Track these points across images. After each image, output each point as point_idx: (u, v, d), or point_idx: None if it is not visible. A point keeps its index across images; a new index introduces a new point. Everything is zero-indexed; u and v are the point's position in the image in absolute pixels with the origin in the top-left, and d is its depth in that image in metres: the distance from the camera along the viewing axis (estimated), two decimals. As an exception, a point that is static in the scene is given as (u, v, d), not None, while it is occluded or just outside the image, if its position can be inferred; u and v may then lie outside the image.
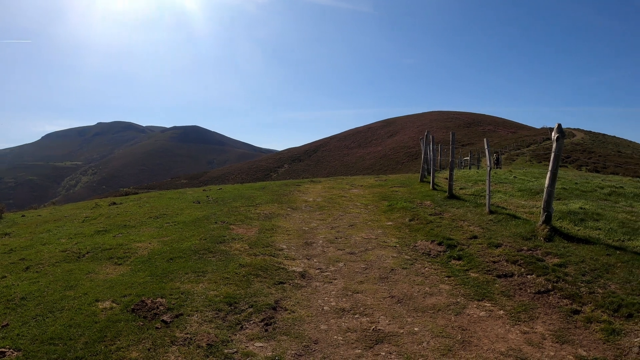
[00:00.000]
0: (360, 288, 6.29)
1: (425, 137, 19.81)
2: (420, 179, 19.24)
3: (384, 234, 9.34)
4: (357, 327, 5.08)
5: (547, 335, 5.08)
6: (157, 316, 5.02)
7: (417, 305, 5.80)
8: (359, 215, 11.41)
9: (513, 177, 19.99)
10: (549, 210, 8.85)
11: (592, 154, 59.79)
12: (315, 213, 11.53)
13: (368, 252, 8.05)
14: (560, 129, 8.80)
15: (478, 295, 6.17)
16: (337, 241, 8.73)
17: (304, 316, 5.32)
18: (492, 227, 9.33)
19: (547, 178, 8.87)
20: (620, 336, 4.97)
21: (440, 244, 8.39)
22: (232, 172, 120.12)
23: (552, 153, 8.83)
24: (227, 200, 12.70)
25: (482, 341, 4.88)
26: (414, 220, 10.39)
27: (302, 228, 9.71)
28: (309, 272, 6.87)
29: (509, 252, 7.68)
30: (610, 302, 5.68)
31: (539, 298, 6.08)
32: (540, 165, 45.29)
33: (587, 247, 7.77)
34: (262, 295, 5.75)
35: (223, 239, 8.21)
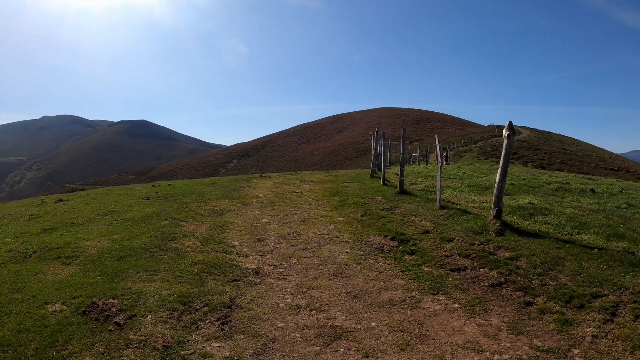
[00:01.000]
0: (315, 284, 6.30)
1: (376, 133, 19.98)
2: (371, 175, 19.42)
3: (336, 230, 9.39)
4: (314, 324, 5.08)
5: (502, 327, 5.21)
6: (110, 318, 4.88)
7: (373, 300, 5.85)
8: (311, 210, 11.43)
9: (462, 173, 20.43)
10: (500, 205, 9.07)
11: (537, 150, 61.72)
12: (267, 209, 11.49)
13: (321, 247, 8.07)
14: (511, 126, 9.03)
15: (432, 289, 6.27)
16: (289, 237, 8.72)
17: (260, 314, 5.28)
18: (443, 222, 9.50)
19: (497, 174, 9.09)
20: (573, 326, 5.16)
21: (393, 239, 8.48)
22: (180, 168, 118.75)
23: (503, 150, 9.06)
24: (176, 197, 12.51)
25: (439, 334, 4.97)
26: (365, 215, 10.48)
27: (253, 224, 9.66)
28: (262, 268, 6.83)
29: (461, 246, 7.84)
30: (562, 293, 5.88)
31: (492, 291, 6.23)
32: (488, 162, 46.43)
33: (538, 240, 8.02)
34: (217, 294, 5.68)
35: (174, 236, 8.07)
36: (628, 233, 8.74)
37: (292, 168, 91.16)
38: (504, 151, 9.06)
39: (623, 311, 5.40)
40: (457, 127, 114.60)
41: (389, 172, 19.19)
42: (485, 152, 56.28)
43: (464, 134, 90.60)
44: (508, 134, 9.01)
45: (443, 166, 20.61)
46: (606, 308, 5.45)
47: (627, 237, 8.44)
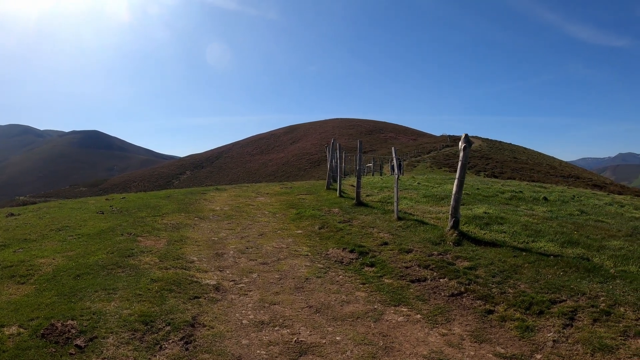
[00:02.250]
0: (277, 299, 6.31)
1: (332, 144, 20.13)
2: (327, 186, 19.56)
3: (294, 243, 9.42)
4: (278, 340, 5.09)
5: (465, 335, 5.35)
6: (70, 340, 4.77)
7: (336, 314, 5.89)
8: (268, 224, 11.43)
9: (417, 183, 20.76)
10: (457, 215, 9.28)
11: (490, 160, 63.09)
12: (224, 222, 11.43)
13: (281, 261, 8.08)
14: (467, 138, 9.27)
15: (394, 300, 6.37)
16: (248, 251, 8.70)
17: (223, 331, 5.25)
18: (401, 233, 9.65)
19: (454, 185, 9.31)
20: (534, 332, 5.35)
21: (352, 251, 8.56)
22: (133, 180, 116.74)
23: (460, 161, 9.29)
24: (131, 210, 12.31)
25: (404, 346, 5.05)
26: (323, 228, 10.55)
27: (211, 238, 9.60)
28: (223, 284, 6.79)
29: (420, 257, 7.98)
30: (522, 300, 6.08)
31: (453, 300, 6.38)
32: (441, 171, 47.23)
33: (495, 249, 8.25)
34: (179, 312, 5.62)
35: (131, 252, 7.95)
36: (582, 239, 9.07)
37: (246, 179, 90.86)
38: (460, 163, 9.28)
39: (581, 315, 5.64)
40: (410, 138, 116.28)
41: (345, 184, 19.33)
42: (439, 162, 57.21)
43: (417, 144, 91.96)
44: (464, 146, 9.24)
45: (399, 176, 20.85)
46: (565, 313, 5.68)
47: (582, 244, 8.77)
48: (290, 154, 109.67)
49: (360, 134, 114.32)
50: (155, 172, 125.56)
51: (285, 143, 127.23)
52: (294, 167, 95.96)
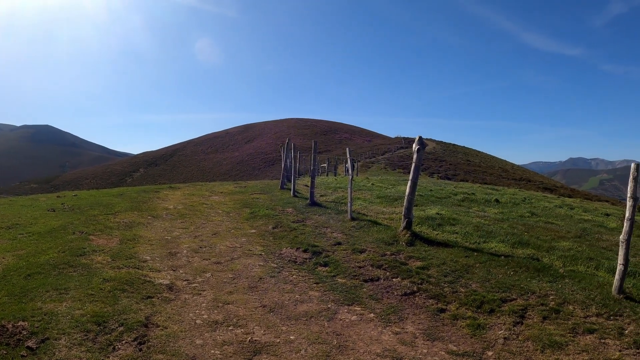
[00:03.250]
0: (230, 299, 6.28)
1: (287, 144, 20.16)
2: (281, 186, 19.61)
3: (248, 242, 9.39)
4: (233, 340, 5.07)
5: (418, 334, 5.43)
6: (21, 342, 4.63)
7: (290, 313, 5.91)
8: (222, 223, 11.36)
9: (371, 184, 20.96)
10: (410, 216, 9.44)
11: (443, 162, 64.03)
12: (177, 221, 11.31)
13: (234, 261, 8.04)
14: (421, 141, 9.43)
15: (348, 300, 6.42)
16: (201, 250, 8.64)
17: (177, 332, 5.19)
18: (355, 234, 9.75)
19: (407, 187, 9.48)
20: (486, 330, 5.49)
21: (306, 251, 8.59)
22: (86, 177, 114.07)
23: (413, 163, 9.46)
24: (83, 208, 12.03)
25: (358, 344, 5.10)
26: (277, 227, 10.56)
27: (164, 237, 9.48)
28: (176, 284, 6.72)
29: (373, 257, 8.08)
30: (473, 299, 6.23)
31: (406, 300, 6.47)
32: (395, 173, 47.72)
33: (447, 250, 8.43)
34: (132, 312, 5.52)
35: (83, 251, 7.77)
36: (532, 240, 9.34)
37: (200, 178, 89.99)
38: (413, 165, 9.44)
39: (531, 313, 5.83)
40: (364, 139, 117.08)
41: (299, 184, 19.37)
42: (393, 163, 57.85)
43: (371, 145, 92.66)
44: (418, 148, 9.40)
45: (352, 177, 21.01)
46: (515, 311, 5.86)
47: (532, 244, 9.03)
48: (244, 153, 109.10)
49: (315, 134, 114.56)
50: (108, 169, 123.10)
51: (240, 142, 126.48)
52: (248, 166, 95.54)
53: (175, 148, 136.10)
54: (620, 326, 5.50)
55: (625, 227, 6.51)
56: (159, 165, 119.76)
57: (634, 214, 6.50)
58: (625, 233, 6.49)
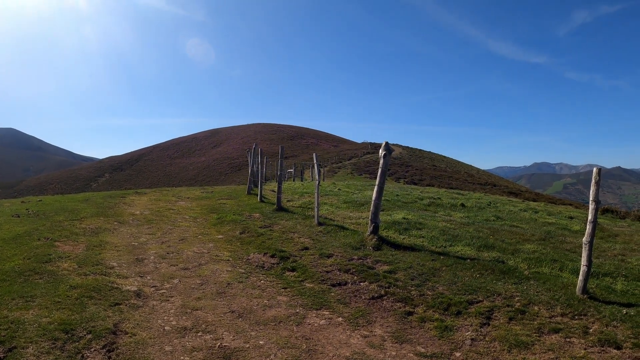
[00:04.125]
0: (199, 304, 6.26)
1: (253, 149, 20.14)
2: (248, 191, 19.58)
3: (215, 248, 9.37)
4: (202, 346, 5.05)
5: (386, 337, 5.50)
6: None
7: (259, 318, 5.91)
8: (189, 228, 11.31)
9: (337, 189, 21.06)
10: (376, 221, 9.53)
11: (409, 167, 64.64)
12: (144, 227, 11.21)
13: (202, 267, 8.02)
14: (387, 146, 9.54)
15: (316, 304, 6.46)
16: (169, 256, 8.58)
17: (146, 338, 5.15)
18: (322, 238, 9.81)
19: (374, 191, 9.58)
20: (453, 332, 5.58)
21: (273, 256, 8.61)
22: (50, 181, 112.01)
23: (380, 169, 9.57)
24: (49, 214, 11.83)
25: (327, 348, 5.14)
26: (244, 233, 10.55)
27: (131, 243, 9.39)
28: (144, 290, 6.67)
29: (340, 261, 8.15)
30: (440, 302, 6.33)
31: (373, 303, 6.54)
32: (362, 178, 48.00)
33: (414, 253, 8.54)
34: (100, 319, 5.46)
35: (49, 258, 7.65)
36: (497, 243, 9.51)
37: (167, 183, 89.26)
38: (380, 170, 9.55)
39: (498, 315, 5.95)
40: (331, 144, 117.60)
41: (266, 189, 19.38)
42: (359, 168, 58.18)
43: (338, 151, 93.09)
44: (384, 153, 9.50)
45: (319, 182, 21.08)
46: (482, 313, 5.97)
47: (497, 247, 9.20)
48: (211, 158, 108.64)
49: (282, 140, 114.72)
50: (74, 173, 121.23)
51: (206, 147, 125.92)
52: (215, 171, 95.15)
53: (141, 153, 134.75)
54: (585, 325, 5.66)
55: (588, 229, 6.69)
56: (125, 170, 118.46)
57: (596, 216, 6.68)
58: (588, 235, 6.67)
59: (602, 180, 6.65)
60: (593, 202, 6.66)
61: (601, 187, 6.67)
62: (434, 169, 67.59)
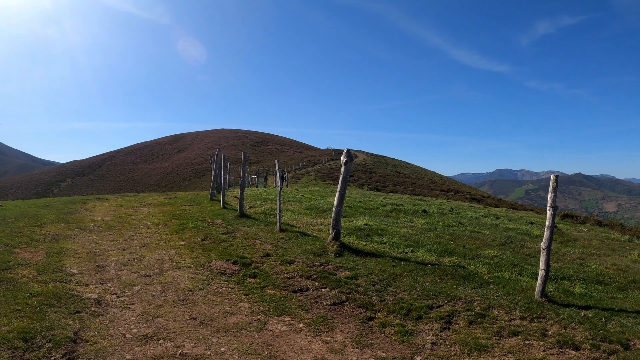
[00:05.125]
0: (160, 312, 6.20)
1: (216, 155, 20.07)
2: (210, 198, 19.52)
3: (177, 255, 9.30)
4: (163, 354, 5.01)
5: (347, 342, 5.53)
6: None
7: (220, 325, 5.89)
8: (151, 235, 11.19)
9: (300, 195, 21.07)
10: (338, 227, 9.59)
11: (373, 173, 65.00)
12: (105, 233, 11.06)
13: (163, 273, 7.95)
14: (348, 153, 9.61)
15: (277, 310, 6.46)
16: (130, 263, 8.48)
17: (107, 347, 5.09)
18: (284, 245, 9.82)
19: (335, 198, 9.63)
20: (414, 336, 5.65)
21: (235, 262, 8.59)
22: (10, 186, 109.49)
23: (341, 175, 9.64)
24: (8, 220, 11.56)
25: (288, 354, 5.14)
26: (206, 239, 10.49)
27: (92, 250, 9.26)
28: (104, 298, 6.58)
29: (302, 268, 8.17)
30: (401, 307, 6.40)
31: (335, 309, 6.57)
32: (325, 184, 48.09)
33: (375, 259, 8.62)
34: (60, 327, 5.37)
35: (8, 265, 7.48)
36: (458, 249, 9.65)
37: (129, 189, 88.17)
38: (341, 177, 9.62)
39: (458, 319, 6.05)
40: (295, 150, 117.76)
41: (229, 195, 19.31)
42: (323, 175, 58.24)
43: (302, 157, 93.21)
44: (346, 160, 9.57)
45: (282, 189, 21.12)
46: (442, 317, 6.07)
47: (458, 253, 9.33)
48: (175, 164, 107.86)
49: (246, 146, 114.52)
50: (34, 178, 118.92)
51: (170, 152, 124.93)
52: (178, 177, 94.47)
53: (104, 157, 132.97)
54: (544, 328, 5.80)
55: (546, 234, 6.84)
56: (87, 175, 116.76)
57: (553, 222, 6.84)
58: (545, 240, 6.83)
59: (563, 186, 6.85)
60: (551, 208, 6.82)
61: (562, 193, 6.85)
62: (397, 176, 68.13)
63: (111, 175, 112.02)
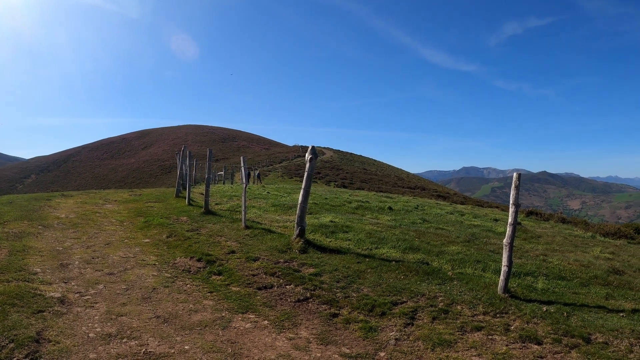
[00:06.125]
0: (124, 310, 6.13)
1: (182, 151, 19.94)
2: (176, 194, 19.41)
3: (142, 252, 9.20)
4: (127, 352, 4.94)
5: (311, 339, 5.54)
6: None
7: (184, 323, 5.85)
8: (115, 232, 11.06)
9: (267, 192, 21.06)
10: (303, 224, 9.60)
11: (340, 170, 65.20)
12: (69, 231, 10.88)
13: (128, 271, 7.85)
14: (313, 150, 9.64)
15: (242, 308, 6.44)
16: (94, 261, 8.36)
17: (70, 346, 5.00)
18: (249, 242, 9.80)
19: (300, 195, 9.65)
20: (377, 332, 5.68)
21: (200, 260, 8.54)
22: None
23: (306, 172, 9.65)
24: None
25: (252, 352, 5.13)
26: (171, 237, 10.42)
27: (56, 248, 9.10)
28: (68, 297, 6.47)
29: (267, 265, 8.16)
30: (365, 303, 6.44)
31: (299, 306, 6.58)
32: (292, 181, 48.06)
33: (340, 256, 8.65)
34: (22, 327, 5.26)
35: None
36: (422, 246, 9.74)
37: (95, 185, 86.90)
38: (306, 174, 9.64)
39: (421, 315, 6.12)
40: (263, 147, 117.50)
41: (195, 192, 19.21)
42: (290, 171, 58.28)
43: (269, 154, 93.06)
44: (310, 157, 9.59)
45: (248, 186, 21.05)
46: (406, 313, 6.12)
47: (422, 249, 9.42)
48: (141, 160, 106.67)
49: (214, 142, 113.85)
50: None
51: (136, 148, 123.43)
52: (145, 173, 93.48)
53: (69, 153, 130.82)
54: (506, 323, 5.90)
55: (508, 231, 6.95)
56: (52, 171, 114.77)
57: (516, 219, 6.95)
58: (508, 237, 6.93)
59: (529, 184, 6.96)
60: (513, 205, 6.93)
61: (528, 191, 6.97)
62: (364, 173, 68.47)
63: (76, 172, 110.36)
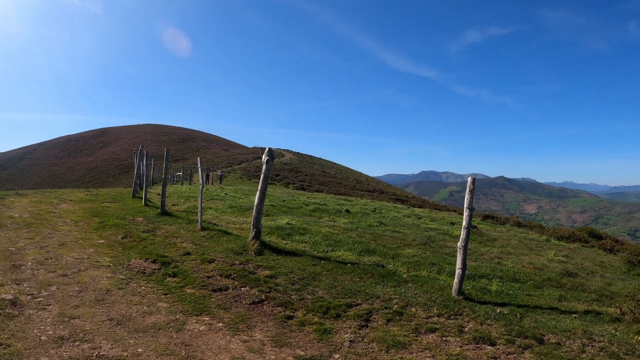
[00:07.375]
0: (76, 313, 6.02)
1: (140, 151, 19.72)
2: (133, 195, 19.21)
3: (96, 253, 9.04)
4: (79, 356, 4.85)
5: (266, 341, 5.53)
6: None
7: (138, 325, 5.78)
8: (70, 233, 10.83)
9: (224, 194, 20.96)
10: (259, 226, 9.60)
11: (299, 173, 65.21)
12: (23, 231, 10.61)
13: (81, 273, 7.71)
14: (270, 152, 9.63)
15: (196, 310, 6.39)
16: (47, 262, 8.17)
17: (21, 349, 4.88)
18: (204, 244, 9.75)
19: (256, 197, 9.65)
20: (332, 334, 5.71)
21: (155, 261, 8.44)
22: None
23: (262, 174, 9.65)
24: None
25: (206, 354, 5.10)
26: (126, 237, 10.27)
27: (8, 249, 8.86)
28: (20, 299, 6.31)
29: (222, 267, 8.12)
30: (320, 306, 6.46)
31: (254, 308, 6.56)
32: (251, 183, 47.91)
33: (295, 258, 8.68)
34: None
35: None
36: (378, 248, 9.83)
37: (52, 184, 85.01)
38: (262, 175, 9.63)
39: (376, 317, 6.17)
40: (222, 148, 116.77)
41: (152, 192, 19.03)
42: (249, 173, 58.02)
43: (228, 155, 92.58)
44: (267, 159, 9.59)
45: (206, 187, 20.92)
46: (360, 315, 6.17)
47: (378, 252, 9.50)
48: (99, 159, 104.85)
49: (173, 142, 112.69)
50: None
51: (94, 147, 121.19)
52: (102, 172, 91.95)
53: (25, 151, 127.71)
54: (460, 324, 6.00)
55: (463, 234, 7.07)
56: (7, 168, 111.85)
57: (470, 223, 7.07)
58: (462, 240, 7.05)
59: (486, 188, 7.08)
60: (467, 209, 7.05)
61: (485, 195, 7.08)
62: (323, 175, 68.67)
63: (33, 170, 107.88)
